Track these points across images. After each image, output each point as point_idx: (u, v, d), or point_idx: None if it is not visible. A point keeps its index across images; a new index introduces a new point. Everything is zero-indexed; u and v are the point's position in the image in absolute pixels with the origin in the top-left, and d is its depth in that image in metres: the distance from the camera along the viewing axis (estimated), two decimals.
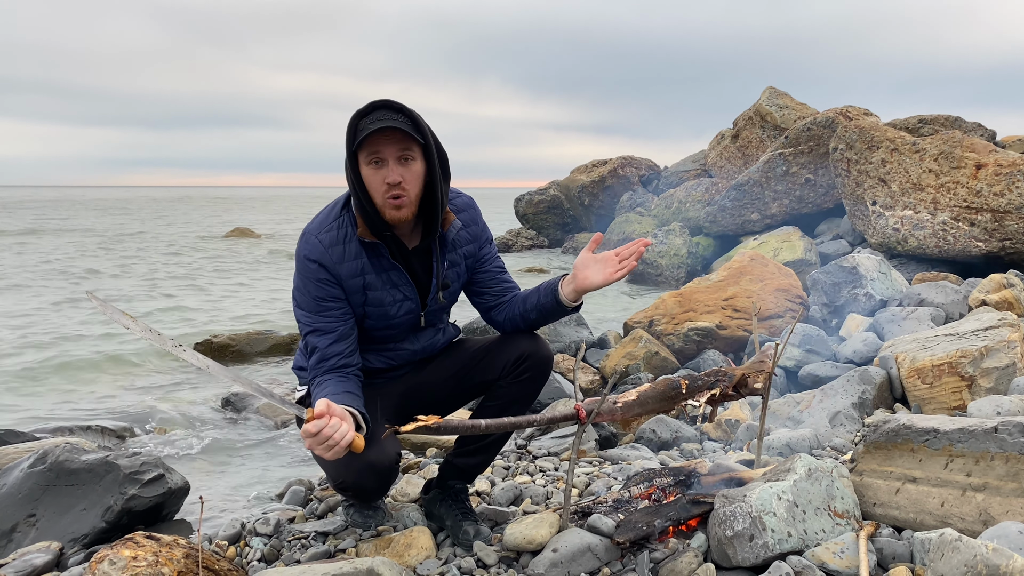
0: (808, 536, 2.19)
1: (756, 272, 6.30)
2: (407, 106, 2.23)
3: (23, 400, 5.67)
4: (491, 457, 2.72)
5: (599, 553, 2.31)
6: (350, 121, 2.23)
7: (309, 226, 2.41)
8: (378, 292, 2.39)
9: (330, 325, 2.34)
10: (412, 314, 2.47)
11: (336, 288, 2.34)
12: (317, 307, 2.34)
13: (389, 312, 2.42)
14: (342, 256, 2.33)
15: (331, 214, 2.40)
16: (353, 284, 2.35)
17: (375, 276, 2.37)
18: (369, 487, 2.35)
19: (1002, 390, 3.46)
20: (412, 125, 2.22)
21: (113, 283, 12.86)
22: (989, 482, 2.19)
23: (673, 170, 15.96)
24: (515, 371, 2.50)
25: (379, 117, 2.19)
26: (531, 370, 2.51)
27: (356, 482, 2.31)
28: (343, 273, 2.34)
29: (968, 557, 1.84)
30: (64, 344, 7.68)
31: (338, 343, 2.34)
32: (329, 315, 2.35)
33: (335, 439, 1.94)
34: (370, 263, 2.36)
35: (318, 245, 2.33)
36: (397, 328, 2.48)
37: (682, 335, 5.66)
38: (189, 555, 2.18)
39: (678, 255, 11.76)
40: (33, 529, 2.91)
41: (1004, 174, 7.16)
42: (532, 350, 2.52)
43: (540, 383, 2.56)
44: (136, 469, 3.05)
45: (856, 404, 3.73)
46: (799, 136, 10.78)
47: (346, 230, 2.35)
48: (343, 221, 2.36)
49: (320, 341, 2.33)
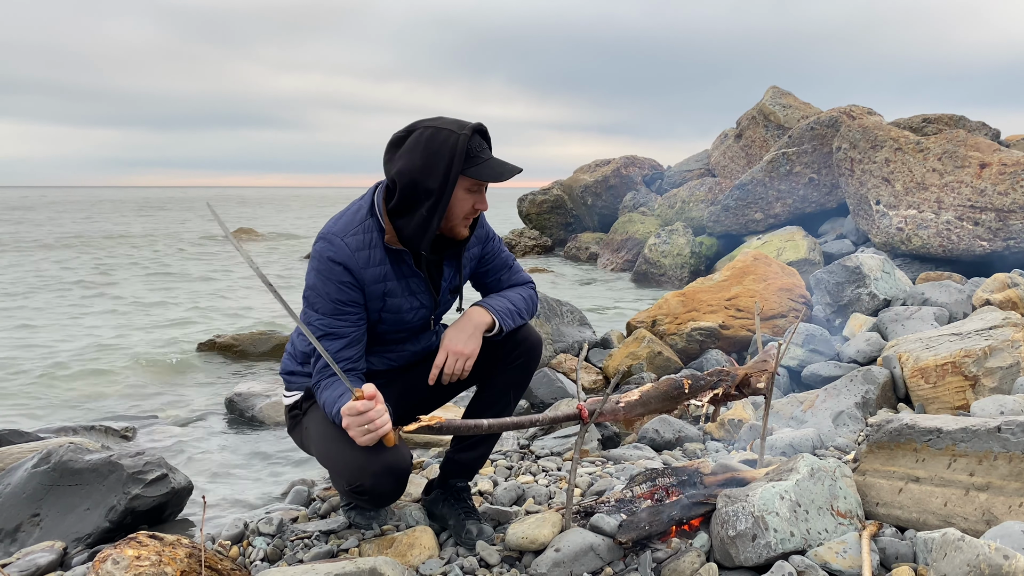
0: (811, 536, 2.18)
1: (759, 272, 6.30)
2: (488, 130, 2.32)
3: (26, 400, 5.69)
4: (490, 449, 2.74)
5: (601, 553, 2.31)
6: (458, 141, 2.21)
7: (332, 229, 2.36)
8: (397, 299, 2.40)
9: (344, 330, 2.32)
10: (424, 320, 2.51)
11: (357, 292, 2.33)
12: (334, 310, 2.31)
13: (405, 318, 2.45)
14: (367, 261, 2.33)
15: (356, 218, 2.37)
16: (375, 290, 2.35)
17: (396, 283, 2.38)
18: (386, 490, 2.30)
19: (1006, 390, 3.45)
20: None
21: (118, 286, 12.89)
22: (992, 482, 2.19)
23: (676, 170, 15.94)
24: (507, 358, 2.54)
25: (483, 147, 2.28)
26: (523, 355, 2.55)
27: (374, 485, 2.23)
28: (367, 278, 2.33)
29: (971, 557, 1.84)
30: (67, 345, 7.70)
31: (348, 348, 2.33)
32: (345, 319, 2.32)
33: (377, 424, 1.99)
34: (393, 270, 2.37)
35: (344, 248, 2.30)
36: (407, 331, 2.51)
37: (685, 335, 5.66)
38: (192, 554, 2.19)
39: (681, 255, 11.75)
40: (37, 528, 2.92)
41: (1008, 173, 7.15)
42: (521, 337, 2.56)
43: (532, 367, 2.62)
44: (139, 469, 3.06)
45: (859, 404, 3.72)
46: (803, 135, 10.77)
47: (371, 235, 2.34)
48: (368, 226, 2.35)
49: (331, 346, 2.31)
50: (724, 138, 14.30)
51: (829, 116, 10.70)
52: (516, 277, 2.67)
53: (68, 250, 19.33)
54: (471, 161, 2.23)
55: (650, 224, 13.80)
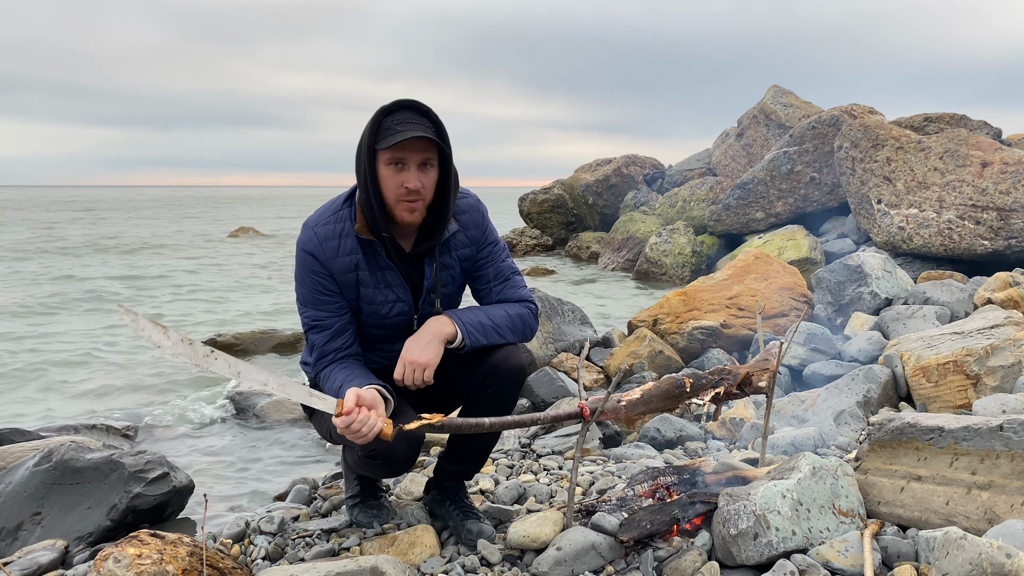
0: (812, 534, 2.18)
1: (761, 271, 6.30)
2: (432, 110, 2.23)
3: (28, 399, 5.69)
4: (480, 464, 2.69)
5: (603, 551, 2.31)
6: (375, 116, 2.22)
7: (310, 217, 2.41)
8: (370, 290, 2.38)
9: (327, 320, 2.37)
10: (404, 316, 2.44)
11: (330, 282, 2.35)
12: (314, 300, 2.37)
13: (380, 311, 2.41)
14: (336, 251, 2.34)
15: (332, 206, 2.40)
16: (346, 279, 2.36)
17: (368, 274, 2.37)
18: (399, 456, 2.30)
19: (1008, 388, 3.45)
20: (436, 132, 2.23)
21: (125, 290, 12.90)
22: (994, 480, 2.19)
23: (677, 169, 15.93)
24: (482, 384, 2.42)
25: (406, 119, 2.19)
26: (496, 384, 2.40)
27: (388, 449, 2.22)
28: (336, 268, 2.34)
29: (973, 555, 1.84)
30: (69, 343, 7.70)
31: (335, 339, 2.38)
32: (325, 309, 2.37)
33: (364, 431, 2.08)
34: (364, 260, 2.36)
35: (314, 238, 2.35)
36: (390, 328, 2.46)
37: (686, 334, 5.66)
38: (193, 553, 2.19)
39: (682, 254, 11.74)
40: (38, 527, 2.92)
41: (1010, 172, 7.14)
42: (496, 362, 2.39)
43: (510, 395, 2.46)
44: (141, 468, 3.06)
45: (861, 403, 3.72)
46: (804, 134, 10.76)
47: (344, 224, 2.35)
48: (342, 215, 2.36)
49: (318, 338, 2.37)
50: (725, 137, 14.29)
51: (830, 115, 10.69)
52: (511, 292, 2.50)
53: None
54: (381, 134, 2.20)
55: (651, 223, 13.79)
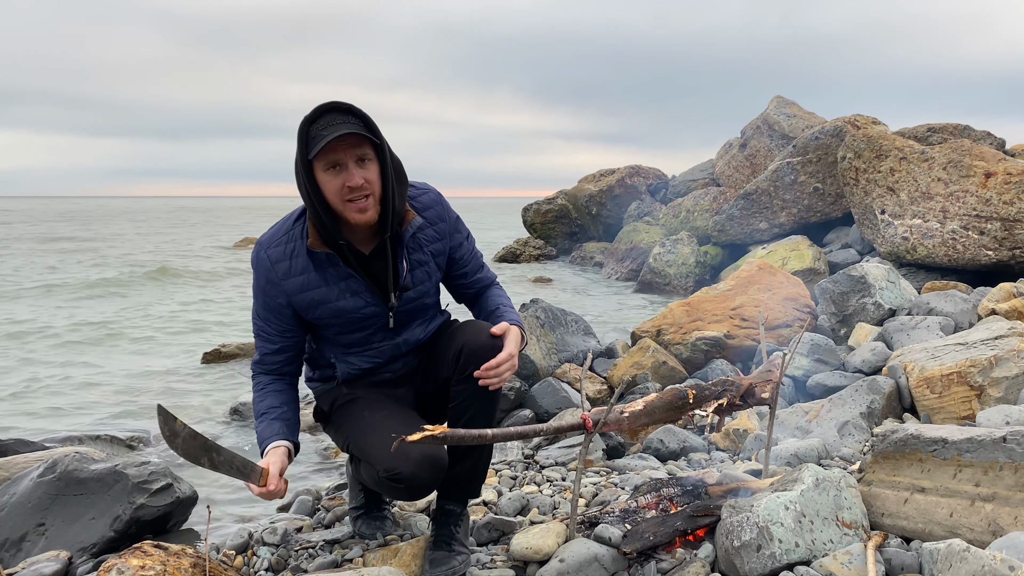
0: (816, 546, 2.18)
1: (764, 281, 6.29)
2: (355, 105, 2.20)
3: (31, 409, 5.70)
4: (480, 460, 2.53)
5: (606, 563, 2.30)
6: (300, 128, 2.19)
7: (263, 236, 2.40)
8: (334, 303, 2.35)
9: (272, 337, 2.42)
10: (378, 318, 2.42)
11: (281, 303, 2.36)
12: (265, 315, 2.41)
13: (352, 319, 2.40)
14: (287, 272, 2.33)
15: (283, 226, 2.38)
16: (301, 299, 2.35)
17: (327, 289, 2.34)
18: (423, 481, 2.24)
19: (1012, 400, 3.44)
20: (364, 126, 2.19)
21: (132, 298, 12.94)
22: (998, 492, 2.18)
23: (681, 179, 15.95)
24: (456, 368, 2.38)
25: (331, 122, 2.16)
26: (474, 363, 2.31)
27: (413, 473, 2.19)
28: (289, 289, 2.34)
29: (976, 568, 1.83)
30: (74, 351, 7.72)
31: (276, 354, 2.44)
32: (272, 325, 2.41)
33: (272, 497, 2.21)
34: (320, 276, 2.33)
35: (265, 260, 2.35)
36: (369, 330, 2.44)
37: (690, 344, 5.65)
38: (196, 564, 2.19)
39: (686, 264, 11.74)
40: (42, 538, 2.92)
41: (1014, 183, 7.14)
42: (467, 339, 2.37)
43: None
44: (144, 478, 3.07)
45: (864, 414, 3.71)
46: (807, 145, 10.77)
47: (294, 244, 2.33)
48: (293, 234, 2.34)
49: (263, 347, 2.44)
50: (728, 148, 14.30)
51: (834, 125, 10.70)
52: (486, 276, 2.63)
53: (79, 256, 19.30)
54: (310, 144, 2.17)
55: (655, 233, 13.79)
